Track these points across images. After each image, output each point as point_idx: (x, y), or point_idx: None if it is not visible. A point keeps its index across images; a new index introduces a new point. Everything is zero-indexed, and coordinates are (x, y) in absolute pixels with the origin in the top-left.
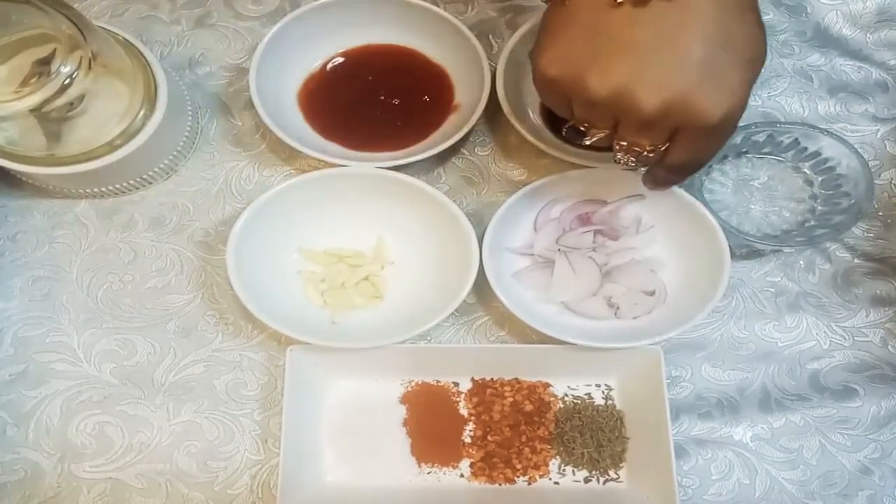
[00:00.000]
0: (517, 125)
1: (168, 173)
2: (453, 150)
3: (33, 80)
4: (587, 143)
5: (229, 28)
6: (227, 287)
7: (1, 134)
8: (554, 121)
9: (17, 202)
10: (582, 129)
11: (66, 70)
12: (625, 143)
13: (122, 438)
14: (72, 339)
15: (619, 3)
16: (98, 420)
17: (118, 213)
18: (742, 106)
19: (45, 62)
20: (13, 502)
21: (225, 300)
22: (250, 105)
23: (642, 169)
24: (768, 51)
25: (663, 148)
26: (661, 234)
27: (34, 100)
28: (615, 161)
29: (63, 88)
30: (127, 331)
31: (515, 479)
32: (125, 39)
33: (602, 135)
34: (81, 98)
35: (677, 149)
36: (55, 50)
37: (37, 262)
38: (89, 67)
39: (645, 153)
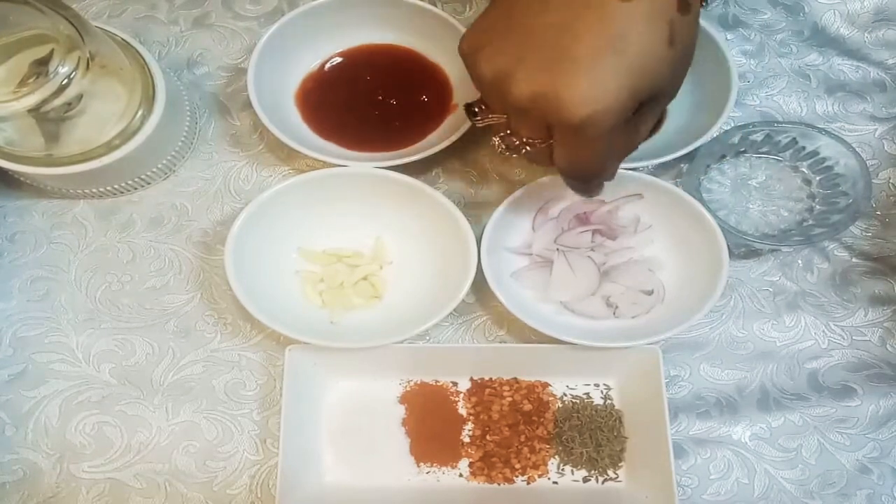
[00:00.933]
0: None
1: (166, 173)
2: (451, 150)
3: (31, 80)
4: (479, 124)
5: (227, 28)
6: (225, 287)
7: None
8: None
9: (15, 202)
10: (476, 109)
11: (63, 70)
12: (509, 131)
13: (120, 438)
14: (70, 339)
15: None
16: (97, 420)
17: (116, 214)
18: (612, 111)
19: (43, 62)
20: (12, 503)
21: (223, 300)
22: (248, 105)
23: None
24: (766, 50)
25: (543, 144)
26: (659, 233)
27: (32, 100)
28: (492, 143)
29: (61, 89)
30: (126, 331)
31: (514, 478)
32: (123, 40)
33: (494, 120)
34: (79, 98)
35: (556, 149)
36: (53, 50)
37: (35, 262)
38: (87, 68)
39: (519, 143)
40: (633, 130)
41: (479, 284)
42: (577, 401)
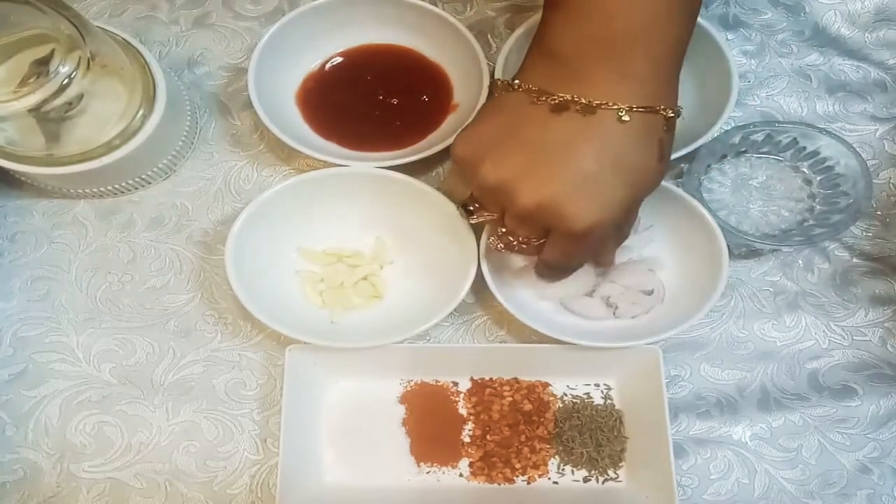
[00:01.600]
0: None
1: (167, 173)
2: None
3: (32, 80)
4: (472, 221)
5: (228, 28)
6: (225, 287)
7: (0, 134)
8: None
9: (16, 202)
10: (471, 208)
11: (64, 70)
12: (504, 229)
13: (121, 438)
14: (71, 338)
15: (537, 103)
16: (97, 420)
17: (117, 214)
18: (611, 221)
19: (44, 62)
20: (12, 502)
21: (224, 300)
22: (249, 105)
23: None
24: (766, 50)
25: (537, 242)
26: (659, 233)
27: (33, 100)
28: (488, 242)
29: (61, 88)
30: (126, 331)
31: (514, 478)
32: (124, 40)
33: (488, 217)
34: (80, 98)
35: (550, 247)
36: (53, 50)
37: (36, 262)
38: (88, 67)
39: (516, 243)
40: (626, 225)
41: (479, 284)
42: (578, 401)
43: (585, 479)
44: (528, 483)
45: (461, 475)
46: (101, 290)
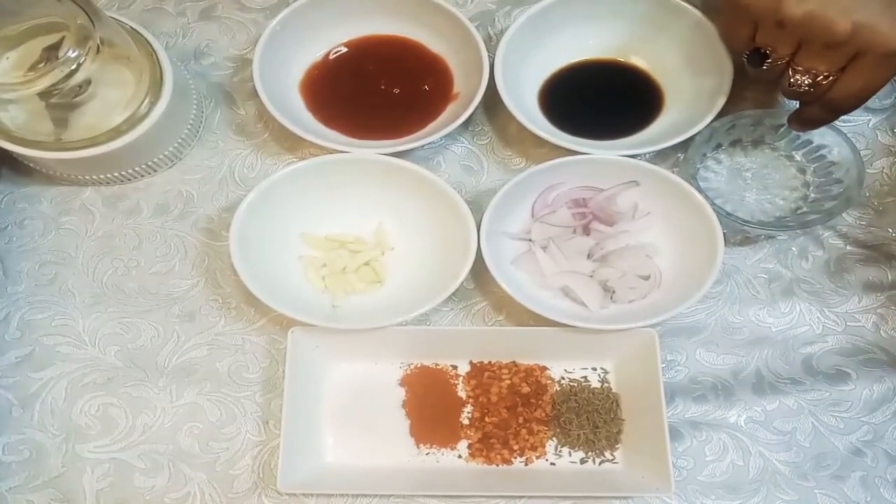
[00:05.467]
0: (516, 113)
1: (172, 161)
2: (453, 139)
3: (41, 65)
4: (766, 66)
5: (233, 19)
6: (229, 272)
7: (10, 118)
8: (552, 109)
9: (24, 189)
10: (764, 52)
11: (73, 55)
12: (801, 67)
13: (125, 420)
14: (77, 322)
15: None
16: (102, 401)
17: (123, 200)
18: None
19: (54, 48)
20: (18, 481)
21: (227, 285)
22: (253, 95)
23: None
24: None
25: (832, 78)
26: (656, 220)
27: (42, 84)
28: (788, 85)
29: (70, 73)
30: (131, 314)
31: (513, 459)
32: (132, 28)
33: (783, 60)
34: (88, 83)
35: (852, 76)
36: (64, 37)
37: (44, 247)
38: (97, 52)
39: (820, 77)
40: None
41: (479, 270)
42: (575, 384)
43: (582, 461)
44: (526, 464)
45: (460, 456)
46: (108, 275)
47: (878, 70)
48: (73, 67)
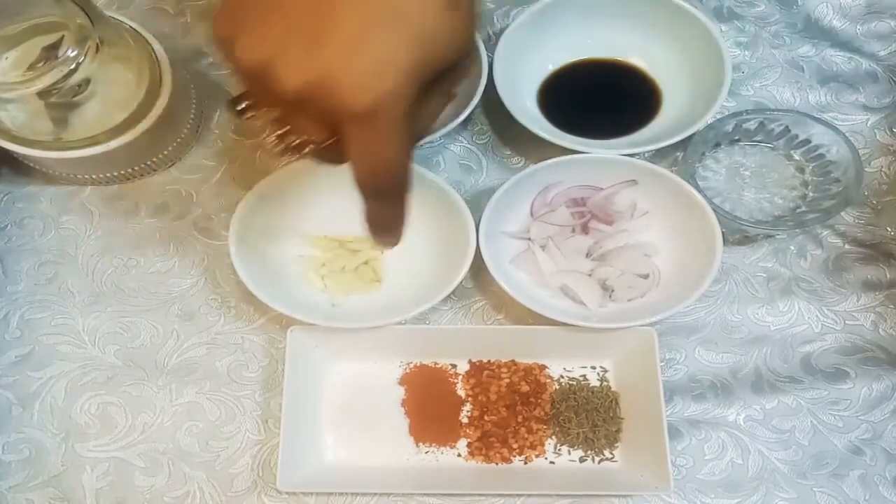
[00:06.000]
0: (515, 113)
1: (172, 161)
2: (452, 139)
3: (40, 64)
4: (245, 118)
5: None
6: (228, 272)
7: (9, 118)
8: (551, 108)
9: (24, 189)
10: (244, 105)
11: (72, 55)
12: (287, 127)
13: (125, 418)
14: (77, 321)
15: None
16: (102, 400)
17: (123, 200)
18: (401, 92)
19: (54, 48)
20: (18, 480)
21: (227, 284)
22: None
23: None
24: (760, 42)
25: (327, 142)
26: (655, 219)
27: (41, 83)
28: (264, 139)
29: (69, 73)
30: (131, 314)
31: (512, 458)
32: (132, 28)
33: (265, 115)
34: (87, 83)
35: (350, 147)
36: (63, 37)
37: (43, 246)
38: (97, 52)
39: (299, 141)
40: (426, 114)
41: (478, 270)
42: (574, 382)
43: (581, 459)
44: (526, 463)
45: (459, 455)
46: (107, 275)
47: (365, 142)
48: (73, 67)
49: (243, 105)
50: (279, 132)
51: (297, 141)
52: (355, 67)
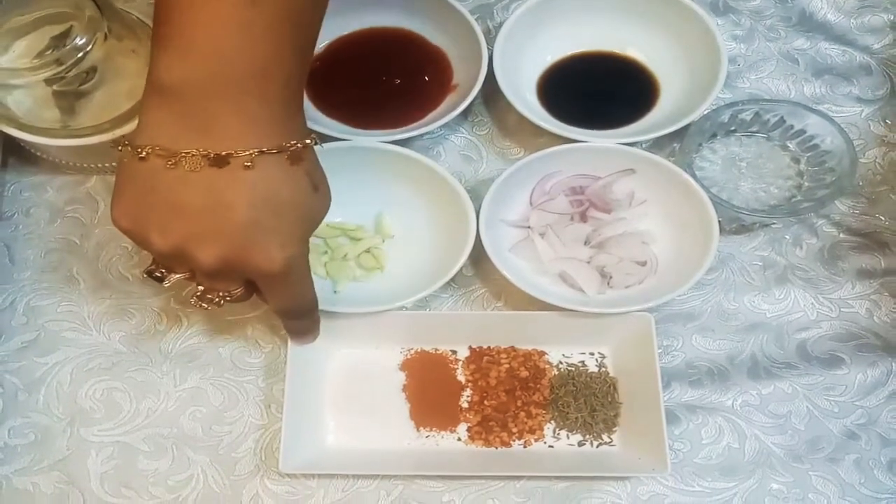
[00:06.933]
0: (515, 103)
1: None
2: (452, 130)
3: (49, 52)
4: (166, 285)
5: None
6: None
7: (17, 105)
8: (550, 99)
9: (31, 178)
10: (158, 274)
11: (81, 43)
12: (202, 288)
13: (129, 403)
14: (82, 308)
15: (170, 167)
16: (107, 386)
17: None
18: (301, 253)
19: (62, 37)
20: (23, 464)
21: None
22: None
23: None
24: (755, 35)
25: (241, 291)
26: (653, 208)
27: (49, 70)
28: (194, 300)
29: (77, 61)
30: (136, 301)
31: (511, 442)
32: (139, 19)
33: (182, 276)
34: (95, 71)
35: (270, 297)
36: (72, 27)
37: (50, 234)
38: (105, 40)
39: (217, 297)
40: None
41: (478, 258)
42: (573, 368)
43: (580, 443)
44: (525, 447)
45: (459, 439)
46: (112, 262)
47: (283, 287)
48: (80, 55)
49: (158, 274)
50: (198, 294)
51: (215, 297)
52: (259, 244)
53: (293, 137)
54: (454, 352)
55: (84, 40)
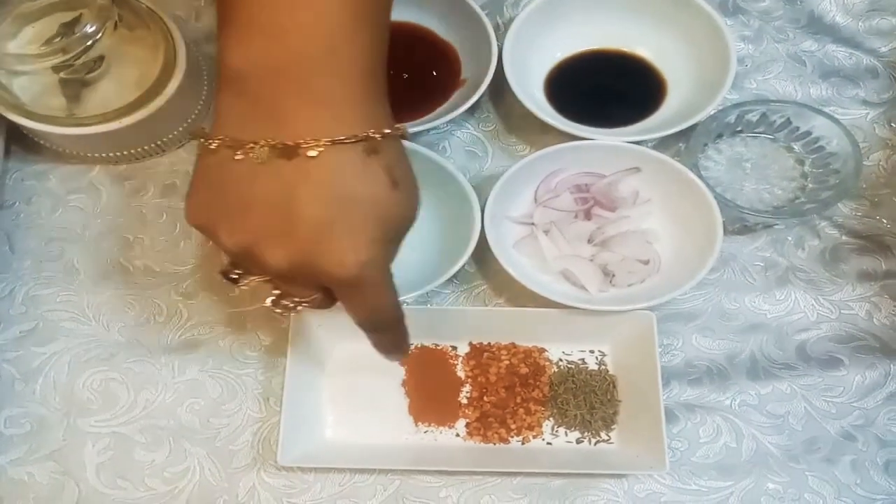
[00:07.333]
0: (524, 100)
1: (181, 141)
2: (458, 125)
3: (58, 39)
4: (241, 286)
5: None
6: None
7: (22, 92)
8: (557, 97)
9: (33, 167)
10: (234, 275)
11: (90, 31)
12: (279, 291)
13: (127, 395)
14: (82, 298)
15: (239, 158)
16: (105, 377)
17: (131, 179)
18: (377, 258)
19: (71, 25)
20: (19, 454)
21: None
22: None
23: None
24: (764, 36)
25: (318, 297)
26: (657, 207)
27: (57, 58)
28: (269, 305)
29: (86, 49)
30: (135, 291)
31: (510, 438)
32: (148, 8)
33: (257, 280)
34: (102, 59)
35: (347, 304)
36: (82, 14)
37: (51, 224)
38: (115, 28)
39: (293, 303)
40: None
41: (481, 254)
42: (573, 366)
43: (578, 441)
44: (523, 443)
45: (458, 435)
46: (113, 253)
47: (355, 297)
48: (89, 43)
49: (234, 276)
50: (274, 297)
51: (291, 303)
52: (330, 247)
53: (370, 125)
54: (454, 347)
55: (94, 28)
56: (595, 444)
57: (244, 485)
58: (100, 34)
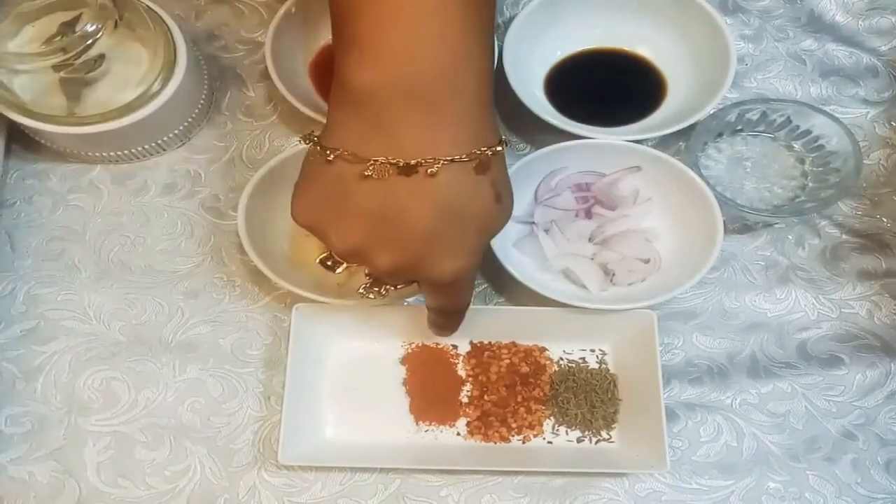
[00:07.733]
0: (524, 98)
1: (181, 140)
2: None
3: (58, 39)
4: (338, 272)
5: (246, 3)
6: (235, 251)
7: (22, 91)
8: (557, 96)
9: (34, 166)
10: (330, 263)
11: (90, 30)
12: (371, 278)
13: (128, 394)
14: (83, 297)
15: (366, 176)
16: (105, 376)
17: (132, 179)
18: (473, 265)
19: (71, 24)
20: (20, 453)
21: (233, 263)
22: (264, 77)
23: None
24: (764, 35)
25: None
26: (657, 206)
27: (57, 56)
28: (363, 291)
29: (86, 48)
30: (136, 291)
31: (510, 437)
32: (148, 7)
33: (353, 268)
34: (102, 58)
35: (428, 297)
36: (82, 13)
37: (52, 223)
38: (115, 27)
39: (384, 290)
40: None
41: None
42: (573, 364)
43: (579, 440)
44: (524, 442)
45: (458, 434)
46: (114, 252)
47: (444, 293)
48: (90, 42)
49: (330, 263)
50: (366, 284)
51: (382, 290)
52: (434, 256)
53: (483, 142)
54: (455, 346)
55: (94, 28)
56: (596, 443)
57: (245, 483)
58: (100, 33)
